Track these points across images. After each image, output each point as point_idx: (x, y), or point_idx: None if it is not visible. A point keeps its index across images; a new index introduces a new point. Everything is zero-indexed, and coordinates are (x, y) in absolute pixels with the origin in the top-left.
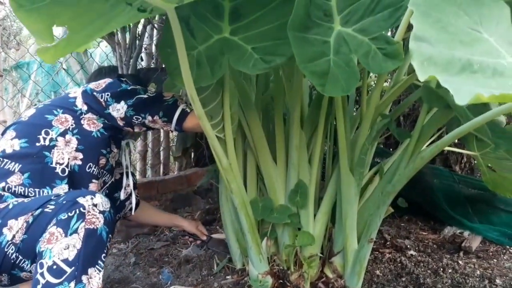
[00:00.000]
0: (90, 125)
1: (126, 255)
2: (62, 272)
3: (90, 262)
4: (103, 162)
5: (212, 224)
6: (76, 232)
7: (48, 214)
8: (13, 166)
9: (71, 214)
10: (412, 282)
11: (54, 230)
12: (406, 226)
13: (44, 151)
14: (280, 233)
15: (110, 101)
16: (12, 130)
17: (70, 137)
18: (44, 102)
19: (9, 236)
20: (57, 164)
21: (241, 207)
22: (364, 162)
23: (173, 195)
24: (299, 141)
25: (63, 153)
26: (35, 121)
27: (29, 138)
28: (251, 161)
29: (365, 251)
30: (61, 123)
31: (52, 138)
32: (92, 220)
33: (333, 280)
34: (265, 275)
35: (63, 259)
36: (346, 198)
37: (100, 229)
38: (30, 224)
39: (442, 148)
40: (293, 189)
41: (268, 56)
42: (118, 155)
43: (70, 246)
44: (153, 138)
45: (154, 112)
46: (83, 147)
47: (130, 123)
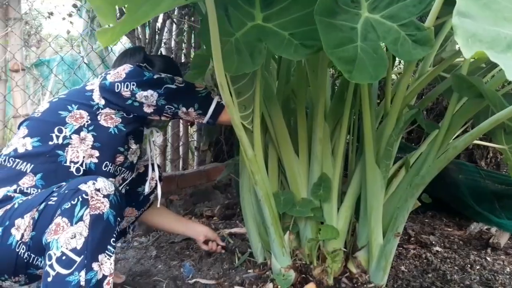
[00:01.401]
0: (107, 120)
1: (147, 248)
2: (71, 262)
3: (99, 248)
4: (121, 159)
5: (232, 218)
6: (82, 220)
7: (52, 206)
8: (24, 167)
9: (74, 202)
10: (439, 278)
11: (59, 220)
12: (430, 222)
13: (57, 150)
14: (302, 227)
15: (137, 90)
16: (24, 127)
17: (85, 134)
18: (60, 95)
19: (18, 236)
20: (71, 163)
21: (265, 199)
22: (391, 154)
23: (193, 190)
24: (323, 134)
25: (77, 151)
26: (48, 117)
27: (41, 136)
28: (272, 154)
29: (391, 246)
30: (75, 119)
31: (66, 136)
32: (97, 205)
33: (357, 275)
34: (288, 269)
35: (72, 249)
36: (371, 191)
37: (106, 213)
38: (36, 220)
39: (477, 137)
40: (316, 183)
41: (308, 41)
42: (139, 151)
43: (76, 234)
44: (173, 133)
45: (189, 103)
46: (100, 145)
47: (161, 112)
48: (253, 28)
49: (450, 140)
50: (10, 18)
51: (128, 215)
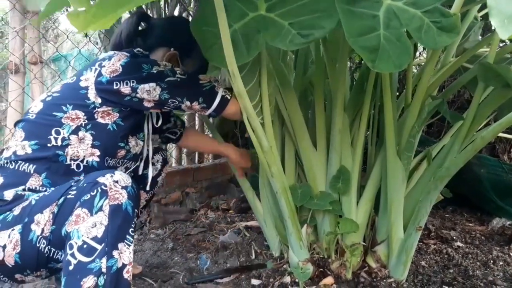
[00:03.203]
0: (104, 117)
1: (163, 240)
2: (93, 250)
3: (119, 237)
4: (122, 153)
5: (248, 212)
6: (101, 210)
7: (72, 200)
8: (28, 168)
9: (93, 193)
10: (460, 274)
11: (79, 211)
12: (450, 217)
13: (57, 151)
14: (320, 220)
15: (137, 86)
16: (20, 130)
17: (83, 133)
18: (53, 91)
19: (38, 231)
20: (72, 161)
21: (281, 191)
22: (413, 145)
23: (208, 182)
24: (342, 125)
25: (77, 151)
26: (43, 120)
27: (39, 139)
28: (289, 147)
29: (412, 240)
30: (71, 120)
31: (65, 138)
32: (115, 196)
33: (376, 270)
34: (306, 263)
35: (92, 237)
36: (392, 184)
37: (124, 204)
38: (56, 214)
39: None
40: (335, 175)
41: (305, 30)
42: (141, 142)
43: (97, 223)
44: (189, 126)
45: (193, 97)
46: (99, 143)
47: (162, 106)
48: (253, 19)
49: (475, 131)
50: (28, 11)
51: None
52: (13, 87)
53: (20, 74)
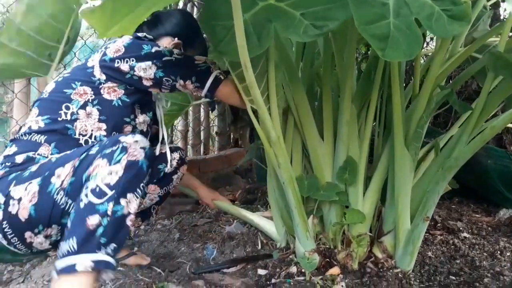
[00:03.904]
0: (110, 93)
1: (170, 231)
2: (103, 194)
3: (130, 188)
4: (129, 129)
5: (253, 203)
6: (119, 162)
7: (93, 155)
8: (39, 138)
9: (114, 148)
10: (467, 264)
11: (99, 161)
12: (457, 208)
13: (67, 124)
14: (327, 211)
15: (135, 64)
16: (35, 108)
17: (90, 108)
18: (64, 73)
19: (58, 184)
20: (80, 136)
21: (288, 182)
22: (420, 136)
23: (214, 174)
24: (350, 116)
25: (85, 125)
26: (55, 97)
27: (51, 114)
28: (296, 138)
29: (419, 230)
30: (80, 95)
31: (73, 112)
32: (134, 153)
33: (382, 260)
34: (312, 253)
35: (106, 183)
36: (399, 175)
37: (141, 161)
38: (77, 167)
39: None
40: (342, 166)
41: (319, 21)
42: (148, 119)
43: (113, 172)
44: (194, 117)
45: (186, 76)
46: (105, 118)
47: (159, 84)
48: (263, 8)
49: (483, 121)
50: None
51: (151, 192)
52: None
53: None
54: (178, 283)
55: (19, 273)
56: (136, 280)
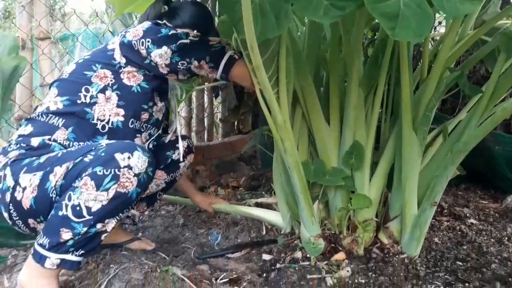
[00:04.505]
0: (130, 79)
1: (174, 216)
2: (81, 216)
3: (111, 214)
4: (146, 116)
5: (258, 189)
6: (106, 191)
7: (85, 162)
8: (57, 121)
9: (106, 173)
10: (474, 250)
11: (87, 181)
12: (463, 194)
13: (85, 108)
14: (332, 196)
15: (152, 48)
16: (55, 88)
17: (110, 93)
18: (85, 55)
19: (53, 182)
20: (98, 121)
21: (294, 166)
22: (429, 120)
23: (218, 161)
24: (357, 100)
25: (104, 110)
26: (75, 78)
27: (70, 96)
28: (302, 124)
29: (426, 215)
30: (100, 79)
31: (93, 95)
32: (125, 184)
33: (388, 246)
34: (317, 238)
35: (87, 206)
36: (407, 159)
37: (131, 192)
38: (68, 171)
39: None
40: (348, 151)
41: (339, 1)
42: (164, 108)
43: (97, 199)
44: (198, 104)
45: (200, 56)
46: (124, 103)
47: (175, 70)
48: None
49: (494, 105)
50: None
51: (157, 177)
52: None
53: (28, 50)
54: (182, 268)
55: (23, 258)
56: (140, 264)
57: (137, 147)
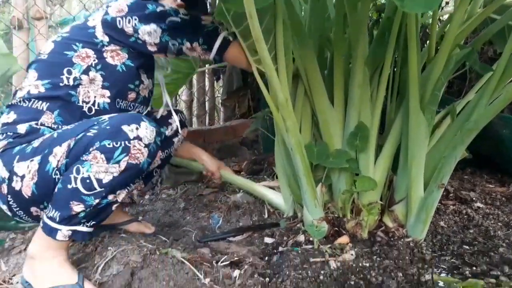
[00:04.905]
0: (114, 57)
1: (175, 200)
2: (92, 188)
3: (123, 185)
4: (133, 96)
5: (259, 173)
6: (118, 163)
7: (89, 137)
8: (40, 105)
9: (116, 145)
10: (481, 234)
11: (98, 155)
12: (469, 178)
13: (70, 91)
14: (336, 179)
15: (139, 25)
16: (33, 70)
17: (94, 74)
18: (62, 32)
19: (54, 163)
20: (84, 103)
21: (296, 147)
22: (437, 99)
23: (220, 145)
24: (363, 78)
25: (89, 92)
26: (55, 59)
27: (51, 78)
28: (305, 105)
29: (433, 198)
30: (82, 59)
31: (76, 77)
32: (137, 155)
33: (393, 229)
34: (320, 221)
35: (98, 179)
36: (414, 140)
37: (143, 163)
38: (71, 148)
39: None
40: (353, 132)
41: None
42: (151, 85)
43: (108, 172)
44: (199, 87)
45: (193, 38)
46: (109, 84)
47: (165, 49)
48: None
49: (505, 83)
50: None
51: None
52: (17, 43)
53: (24, 30)
54: (182, 251)
55: (21, 241)
56: (139, 246)
57: (142, 118)
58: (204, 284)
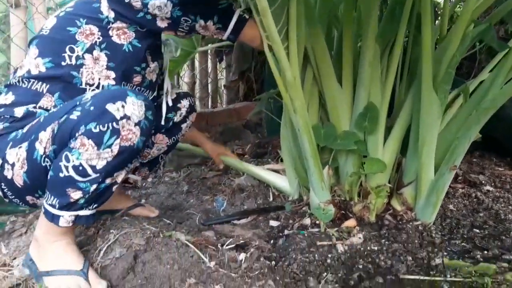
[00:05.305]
0: (120, 36)
1: (178, 183)
2: (87, 174)
3: (119, 167)
4: (138, 79)
5: (263, 157)
6: (110, 148)
7: (73, 121)
8: (40, 87)
9: (103, 129)
10: (491, 217)
11: (85, 141)
12: (478, 161)
13: (72, 71)
14: (343, 162)
15: (147, 1)
16: (34, 47)
17: (98, 53)
18: (66, 7)
19: (41, 150)
20: (87, 85)
21: (304, 129)
22: (451, 77)
23: (223, 128)
24: (373, 56)
25: (92, 73)
26: (57, 35)
27: (53, 56)
28: (312, 85)
29: (444, 180)
30: (86, 36)
31: (79, 56)
32: (128, 136)
33: (401, 213)
34: (327, 204)
35: (91, 165)
36: (425, 121)
37: (137, 142)
38: (55, 134)
39: None
40: (362, 113)
41: None
42: (157, 69)
43: (101, 157)
44: (201, 68)
45: (207, 15)
46: (114, 65)
47: (176, 25)
48: None
49: None
50: None
51: (158, 142)
52: (15, 21)
53: (22, 8)
54: (187, 234)
55: (21, 224)
56: (142, 229)
57: (128, 92)
58: (209, 267)
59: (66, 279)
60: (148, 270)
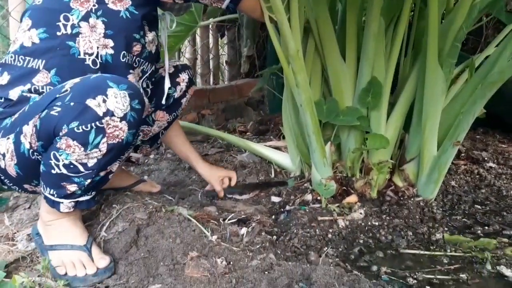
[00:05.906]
0: (115, 3)
1: (180, 160)
2: (79, 172)
3: (111, 162)
4: (138, 48)
5: (265, 134)
6: (97, 147)
7: (54, 118)
8: (36, 63)
9: (86, 129)
10: (493, 194)
11: (70, 142)
12: (482, 138)
13: (68, 41)
14: (345, 138)
15: None
16: (27, 18)
17: (94, 20)
18: None
19: (27, 145)
20: (86, 55)
21: (306, 104)
22: (457, 51)
23: (225, 105)
24: (378, 29)
25: (90, 41)
26: (50, 4)
27: (47, 27)
28: (316, 61)
29: (447, 156)
30: (80, 4)
31: (74, 24)
32: (115, 133)
33: (403, 189)
34: (329, 180)
35: (82, 163)
36: (429, 96)
37: (125, 138)
38: (39, 130)
39: None
40: (365, 88)
41: None
42: (156, 40)
43: (90, 157)
44: (202, 44)
45: None
46: (112, 32)
47: None
48: None
49: None
50: None
51: (159, 119)
52: None
53: None
54: (189, 209)
55: (25, 199)
56: (144, 204)
57: (108, 82)
58: (211, 241)
59: (69, 254)
60: (151, 243)
